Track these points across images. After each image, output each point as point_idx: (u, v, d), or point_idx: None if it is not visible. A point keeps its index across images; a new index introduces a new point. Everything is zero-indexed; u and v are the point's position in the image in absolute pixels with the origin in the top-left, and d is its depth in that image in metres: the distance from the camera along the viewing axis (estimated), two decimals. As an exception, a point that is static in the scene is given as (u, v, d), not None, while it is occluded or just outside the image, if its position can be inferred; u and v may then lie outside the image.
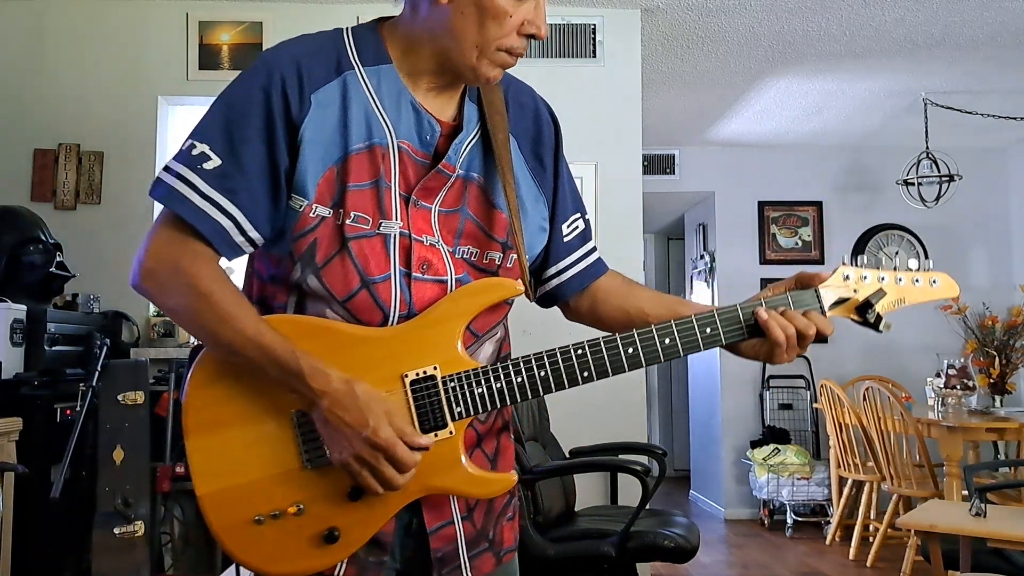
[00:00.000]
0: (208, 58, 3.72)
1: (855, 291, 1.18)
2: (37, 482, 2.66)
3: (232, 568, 2.58)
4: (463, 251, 1.16)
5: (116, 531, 2.77)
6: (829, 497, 5.32)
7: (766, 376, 5.95)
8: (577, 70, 3.83)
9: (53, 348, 2.99)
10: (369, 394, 1.03)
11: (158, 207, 1.11)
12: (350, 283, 1.08)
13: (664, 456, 3.25)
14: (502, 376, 1.09)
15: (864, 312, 1.18)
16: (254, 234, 1.08)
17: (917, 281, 1.21)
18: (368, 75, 1.12)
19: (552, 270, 1.29)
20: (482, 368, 1.10)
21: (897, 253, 1.25)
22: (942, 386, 4.49)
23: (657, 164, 5.98)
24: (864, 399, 4.53)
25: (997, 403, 4.96)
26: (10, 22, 3.72)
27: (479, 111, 1.18)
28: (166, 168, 1.09)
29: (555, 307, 1.37)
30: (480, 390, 1.09)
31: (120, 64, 3.71)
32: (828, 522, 5.30)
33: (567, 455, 3.39)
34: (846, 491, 4.93)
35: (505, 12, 1.06)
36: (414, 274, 1.10)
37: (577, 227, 1.30)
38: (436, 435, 1.07)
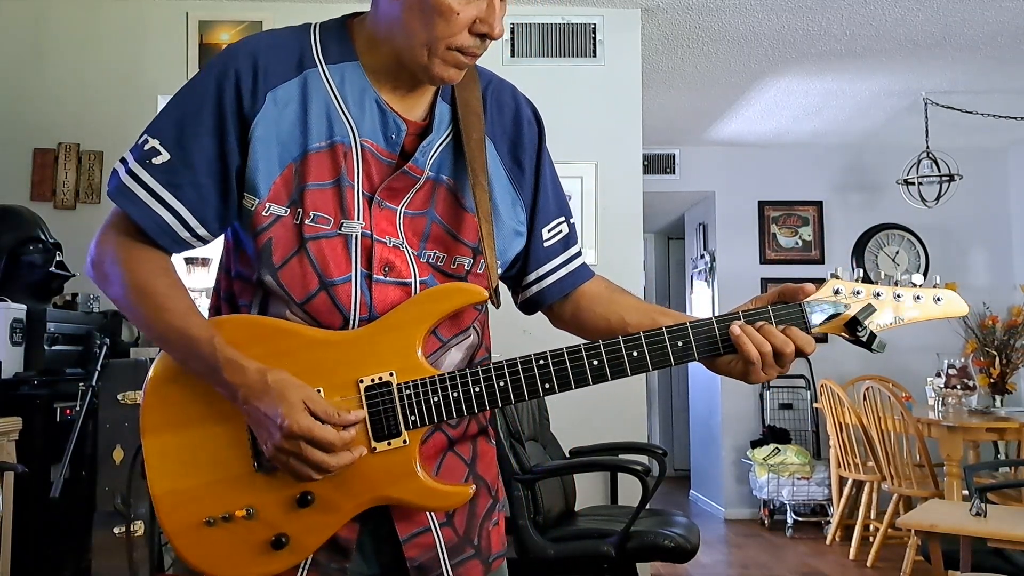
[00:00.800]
0: (208, 57, 3.71)
1: (846, 306, 1.08)
2: (37, 482, 2.66)
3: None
4: (429, 255, 1.12)
5: (116, 531, 2.77)
6: (829, 497, 5.32)
7: (766, 376, 5.94)
8: (577, 70, 3.82)
9: (53, 348, 2.99)
10: (282, 382, 0.99)
11: None
12: (308, 285, 1.06)
13: (664, 456, 3.25)
14: (459, 385, 1.05)
15: (854, 329, 1.08)
16: (201, 230, 1.08)
17: (919, 298, 1.10)
18: (331, 73, 1.09)
19: (532, 276, 1.23)
20: (439, 376, 1.05)
21: (898, 253, 1.15)
22: (942, 386, 4.49)
23: (657, 164, 5.98)
24: (864, 399, 4.53)
25: (997, 403, 4.96)
26: (10, 22, 3.72)
27: (452, 111, 1.14)
28: (122, 160, 1.08)
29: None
30: (436, 399, 1.04)
31: (120, 63, 3.71)
32: (828, 522, 5.30)
33: (567, 455, 3.38)
34: (846, 491, 4.93)
35: (451, 9, 1.01)
36: (375, 276, 1.07)
37: (560, 231, 1.24)
38: (390, 444, 1.04)
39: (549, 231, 1.22)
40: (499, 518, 1.22)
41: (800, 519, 5.46)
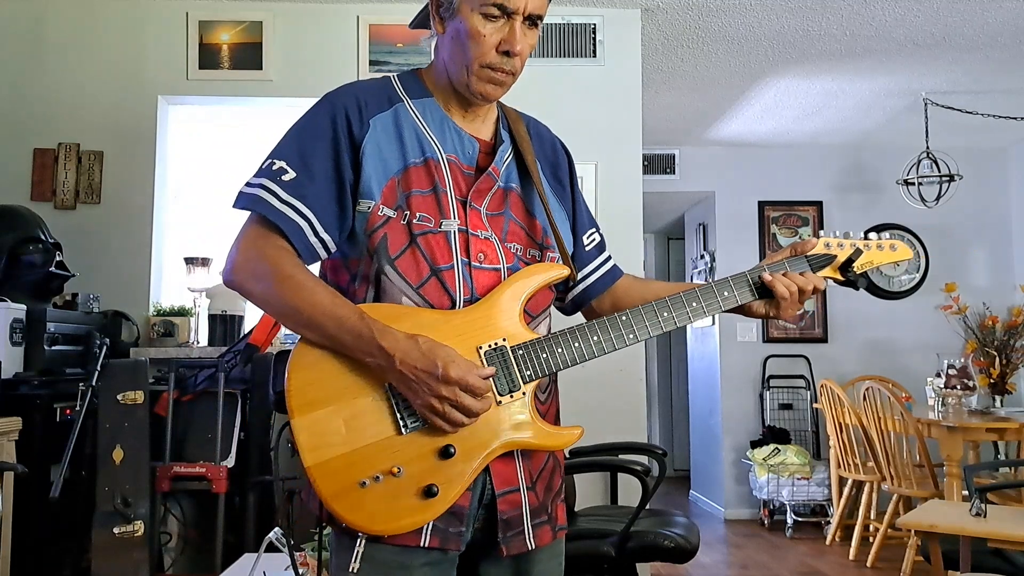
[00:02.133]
0: (208, 57, 3.71)
1: (835, 256, 1.44)
2: (36, 482, 2.66)
3: (232, 568, 2.58)
4: (510, 246, 1.34)
5: (115, 531, 2.77)
6: (829, 497, 5.32)
7: (766, 376, 5.95)
8: (577, 70, 3.82)
9: (53, 348, 2.99)
10: (431, 342, 1.18)
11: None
12: (421, 271, 1.26)
13: (664, 456, 3.24)
14: (562, 343, 1.28)
15: (846, 271, 1.44)
16: (325, 236, 1.26)
17: (880, 247, 1.47)
18: (415, 105, 1.34)
19: (578, 276, 1.48)
20: (544, 337, 1.28)
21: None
22: (942, 386, 4.49)
23: (657, 164, 5.98)
24: (864, 399, 4.53)
25: (997, 403, 4.96)
26: (10, 21, 3.72)
27: (511, 136, 1.40)
28: (247, 183, 1.28)
29: (562, 314, 1.52)
30: (544, 355, 1.27)
31: (120, 63, 3.71)
32: (828, 522, 5.30)
33: (567, 455, 3.38)
34: (846, 491, 4.93)
35: (479, 32, 1.26)
36: (473, 263, 1.28)
37: (594, 239, 1.51)
38: (512, 396, 1.24)
39: (587, 238, 1.50)
40: (564, 496, 1.42)
41: (800, 519, 5.46)
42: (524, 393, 1.25)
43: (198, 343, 3.51)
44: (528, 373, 1.26)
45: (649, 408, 7.42)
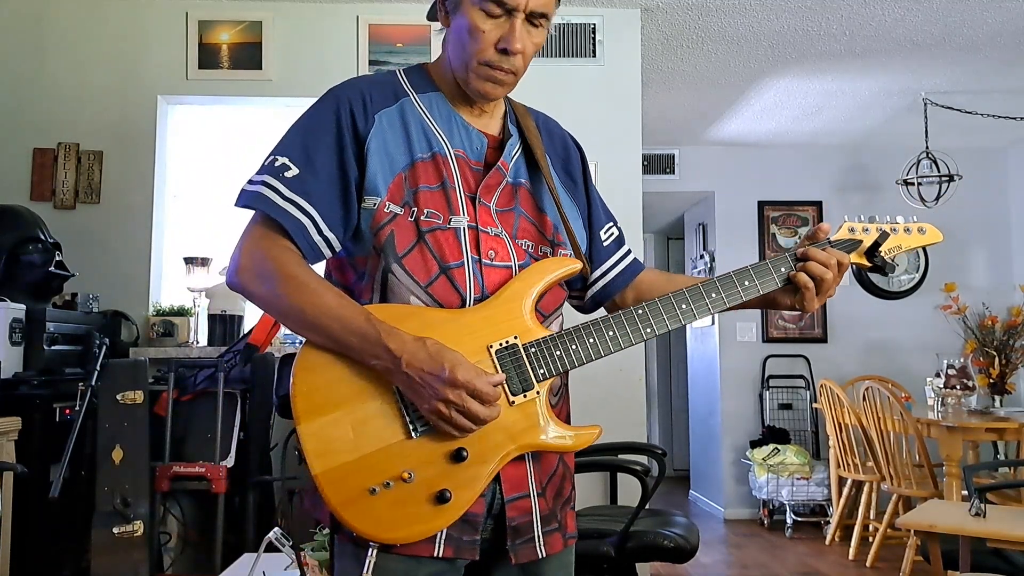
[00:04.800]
0: (208, 57, 3.71)
1: (862, 240, 1.42)
2: (36, 482, 2.66)
3: (232, 568, 2.58)
4: (521, 243, 1.31)
5: (115, 531, 2.77)
6: (829, 497, 5.32)
7: (766, 376, 5.95)
8: (577, 70, 3.82)
9: (52, 347, 2.99)
10: (438, 345, 1.14)
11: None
12: (430, 269, 1.22)
13: (664, 456, 3.24)
14: (576, 339, 1.24)
15: (872, 256, 1.41)
16: (329, 234, 1.23)
17: (908, 230, 1.45)
18: (421, 100, 1.32)
19: (597, 272, 1.45)
20: (557, 333, 1.24)
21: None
22: (942, 386, 4.50)
23: (657, 164, 5.98)
24: (864, 399, 4.53)
25: (997, 403, 4.96)
26: (10, 21, 3.71)
27: (519, 130, 1.37)
28: (250, 180, 1.25)
29: (581, 313, 1.49)
30: (558, 352, 1.23)
31: (119, 63, 3.71)
32: (828, 522, 5.30)
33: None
34: (846, 491, 4.93)
35: (478, 28, 1.23)
36: (484, 260, 1.25)
37: (612, 234, 1.48)
38: (525, 395, 1.20)
39: (604, 233, 1.47)
40: (575, 504, 1.39)
41: (799, 519, 5.47)
42: (538, 392, 1.21)
43: (198, 343, 3.51)
44: (542, 371, 1.21)
45: (649, 408, 7.42)
